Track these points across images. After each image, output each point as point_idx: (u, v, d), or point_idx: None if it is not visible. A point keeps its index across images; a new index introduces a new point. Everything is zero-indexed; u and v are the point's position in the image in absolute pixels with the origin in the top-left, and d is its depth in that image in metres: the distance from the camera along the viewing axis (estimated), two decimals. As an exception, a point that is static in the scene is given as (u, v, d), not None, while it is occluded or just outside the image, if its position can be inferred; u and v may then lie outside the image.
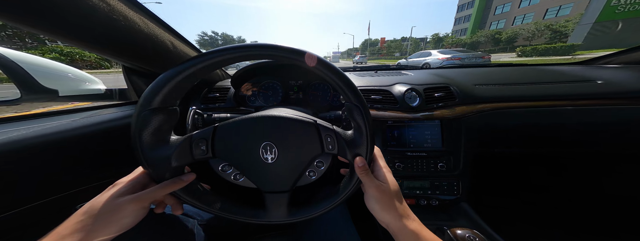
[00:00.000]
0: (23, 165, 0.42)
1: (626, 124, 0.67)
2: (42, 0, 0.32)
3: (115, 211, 0.30)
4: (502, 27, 38.28)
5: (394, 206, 0.36)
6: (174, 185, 0.35)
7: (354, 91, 0.35)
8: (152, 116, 0.33)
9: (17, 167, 0.41)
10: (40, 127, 0.46)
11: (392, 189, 0.37)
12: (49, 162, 0.45)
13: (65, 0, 0.34)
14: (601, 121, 0.67)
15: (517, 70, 0.93)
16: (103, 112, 0.60)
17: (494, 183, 0.95)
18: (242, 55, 0.34)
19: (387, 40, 79.47)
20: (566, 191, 0.94)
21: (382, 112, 0.73)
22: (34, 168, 0.43)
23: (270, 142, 0.37)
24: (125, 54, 0.52)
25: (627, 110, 0.66)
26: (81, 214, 0.30)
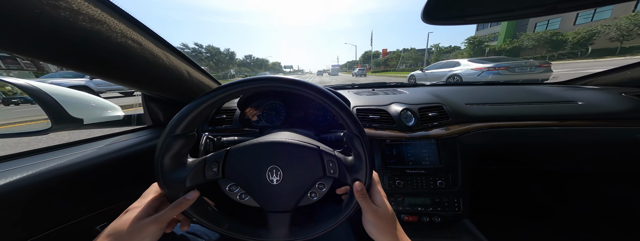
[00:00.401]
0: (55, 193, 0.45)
1: (607, 144, 0.71)
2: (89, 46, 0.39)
3: (137, 232, 0.34)
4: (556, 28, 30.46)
5: (390, 231, 0.39)
6: (181, 206, 0.38)
7: (355, 122, 0.40)
8: (174, 141, 0.38)
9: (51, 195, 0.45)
10: (70, 155, 0.51)
11: (388, 214, 0.40)
12: (75, 188, 0.49)
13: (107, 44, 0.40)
14: (586, 140, 0.72)
15: (505, 90, 1.00)
16: (122, 138, 0.65)
17: (495, 200, 0.96)
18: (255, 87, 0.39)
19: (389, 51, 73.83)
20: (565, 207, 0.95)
21: (380, 131, 0.78)
22: (64, 194, 0.47)
23: (277, 165, 0.41)
24: (149, 86, 0.58)
25: (607, 130, 0.71)
26: (105, 236, 0.33)
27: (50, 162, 0.47)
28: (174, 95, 0.68)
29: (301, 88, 0.39)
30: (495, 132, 0.74)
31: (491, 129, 0.74)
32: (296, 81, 0.39)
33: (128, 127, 0.73)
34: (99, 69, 0.44)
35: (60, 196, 0.46)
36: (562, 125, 0.73)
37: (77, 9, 0.33)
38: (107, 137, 0.65)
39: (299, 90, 0.39)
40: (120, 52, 0.43)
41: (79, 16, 0.34)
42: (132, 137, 0.67)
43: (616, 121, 0.72)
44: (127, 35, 0.43)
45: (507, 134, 0.74)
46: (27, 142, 1.76)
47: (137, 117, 0.75)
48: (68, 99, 0.60)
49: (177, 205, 0.38)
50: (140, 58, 0.47)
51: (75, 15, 0.33)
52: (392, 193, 0.77)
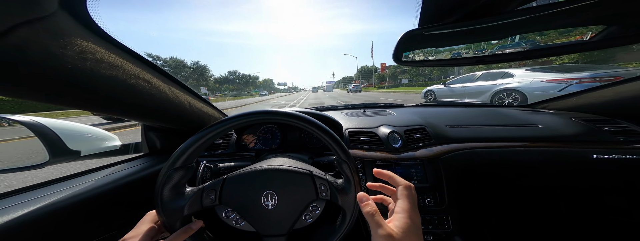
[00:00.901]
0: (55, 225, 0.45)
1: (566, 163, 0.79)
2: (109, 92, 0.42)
3: None
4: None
5: None
6: (185, 234, 0.39)
7: (342, 148, 0.44)
8: (174, 174, 0.40)
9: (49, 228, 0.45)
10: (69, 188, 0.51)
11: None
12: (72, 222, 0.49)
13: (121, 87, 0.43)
14: (550, 160, 0.80)
15: (479, 111, 1.10)
16: (119, 169, 0.65)
17: (481, 216, 1.01)
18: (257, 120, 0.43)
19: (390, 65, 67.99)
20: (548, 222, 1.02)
21: (371, 152, 0.83)
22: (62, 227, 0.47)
23: (272, 190, 0.43)
24: (152, 118, 0.61)
25: (564, 152, 0.79)
26: None
27: (48, 197, 0.47)
28: (176, 125, 0.71)
29: (295, 121, 0.44)
30: (473, 152, 0.81)
31: (468, 150, 0.81)
32: (291, 114, 0.44)
33: (125, 155, 0.74)
34: (111, 108, 0.47)
35: (56, 231, 0.46)
36: (530, 146, 0.81)
37: (100, 59, 0.37)
38: (104, 168, 0.66)
39: (293, 122, 0.44)
40: (132, 91, 0.46)
41: (101, 65, 0.37)
42: (128, 166, 0.68)
43: (570, 143, 0.80)
44: (139, 75, 0.46)
45: (484, 154, 0.81)
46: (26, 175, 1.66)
47: (134, 146, 0.76)
48: (68, 132, 0.61)
49: (182, 233, 0.39)
50: (148, 95, 0.50)
51: (98, 64, 0.36)
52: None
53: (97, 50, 0.36)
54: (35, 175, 1.65)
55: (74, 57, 0.33)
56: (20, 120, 0.53)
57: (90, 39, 0.35)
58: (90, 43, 0.35)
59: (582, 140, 0.81)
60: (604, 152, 0.76)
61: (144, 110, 0.53)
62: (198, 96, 0.74)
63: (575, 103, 1.03)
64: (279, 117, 0.44)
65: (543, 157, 0.80)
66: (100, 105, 0.44)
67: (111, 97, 0.43)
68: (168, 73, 0.58)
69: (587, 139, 0.81)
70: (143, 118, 0.58)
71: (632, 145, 0.78)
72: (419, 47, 0.49)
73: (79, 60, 0.34)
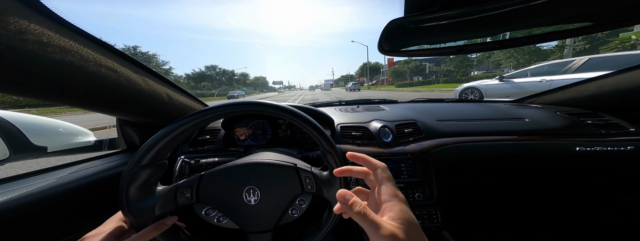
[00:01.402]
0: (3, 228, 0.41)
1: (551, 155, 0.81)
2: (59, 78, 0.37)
3: None
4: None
5: None
6: (156, 231, 0.36)
7: (326, 139, 0.42)
8: (141, 172, 0.37)
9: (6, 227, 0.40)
10: (24, 187, 0.46)
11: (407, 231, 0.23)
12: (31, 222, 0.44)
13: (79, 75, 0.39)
14: (536, 153, 0.81)
15: (468, 106, 1.12)
16: (90, 165, 0.60)
17: (471, 210, 1.02)
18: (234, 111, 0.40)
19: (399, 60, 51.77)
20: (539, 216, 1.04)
21: (362, 147, 0.82)
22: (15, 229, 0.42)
23: (253, 185, 0.41)
24: (125, 111, 0.57)
25: (550, 145, 0.81)
26: None
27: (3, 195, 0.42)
28: (153, 119, 0.66)
29: (273, 111, 0.41)
30: (461, 146, 0.81)
31: (457, 144, 0.82)
32: (269, 104, 0.41)
33: (98, 152, 0.69)
34: (72, 99, 0.42)
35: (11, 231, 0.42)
36: (513, 140, 0.82)
37: (46, 42, 0.32)
38: (74, 164, 0.61)
39: (272, 113, 0.41)
40: (93, 81, 0.41)
41: (48, 48, 0.33)
42: (102, 163, 0.63)
43: (554, 136, 0.82)
44: (101, 63, 0.41)
45: (473, 148, 0.82)
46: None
47: (109, 142, 0.71)
48: (32, 127, 0.56)
49: (153, 229, 0.35)
50: (114, 85, 0.46)
51: (44, 47, 0.32)
52: None
53: (42, 31, 0.32)
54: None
55: (8, 36, 0.28)
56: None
57: (32, 19, 0.31)
58: (31, 23, 0.30)
59: (567, 133, 0.83)
60: (587, 144, 0.78)
61: (111, 102, 0.49)
62: (179, 88, 0.70)
63: (560, 97, 1.06)
64: (258, 107, 0.41)
65: (529, 150, 0.81)
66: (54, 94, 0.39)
67: (65, 84, 0.38)
68: (142, 63, 0.53)
69: (571, 132, 0.83)
70: (112, 111, 0.54)
71: (613, 138, 0.80)
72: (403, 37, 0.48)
73: (17, 40, 0.29)
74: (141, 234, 0.35)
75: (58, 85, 0.38)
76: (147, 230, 0.35)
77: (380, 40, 0.46)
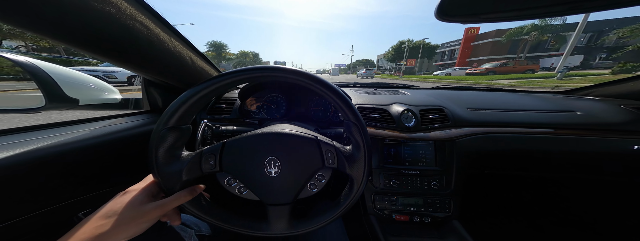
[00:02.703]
0: (43, 173, 0.45)
1: (599, 154, 0.73)
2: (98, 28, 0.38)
3: (139, 216, 0.33)
4: None
5: None
6: (189, 196, 0.38)
7: (352, 110, 0.39)
8: (168, 134, 0.37)
9: (38, 174, 0.44)
10: (61, 135, 0.49)
11: None
12: (65, 170, 0.48)
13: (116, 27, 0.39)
14: (579, 150, 0.73)
15: (505, 96, 1.01)
16: (117, 122, 0.63)
17: (485, 202, 0.98)
18: (253, 76, 0.38)
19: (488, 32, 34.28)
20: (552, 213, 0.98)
21: (380, 130, 0.78)
22: (52, 176, 0.46)
23: (274, 156, 0.40)
24: (152, 70, 0.57)
25: (601, 141, 0.72)
26: (101, 218, 0.31)
27: (39, 141, 0.46)
28: (175, 81, 0.67)
29: (299, 78, 0.38)
30: (493, 137, 0.75)
31: (489, 134, 0.75)
32: (295, 71, 0.38)
33: (125, 110, 0.72)
34: (106, 51, 0.44)
35: (45, 177, 0.45)
36: (557, 133, 0.74)
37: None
38: (101, 119, 0.64)
39: (298, 80, 0.38)
40: (128, 34, 0.42)
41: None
42: (128, 120, 0.66)
43: (612, 132, 0.73)
44: (136, 18, 0.42)
45: (504, 140, 0.75)
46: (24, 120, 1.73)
47: (134, 101, 0.73)
48: (65, 78, 0.58)
49: (181, 195, 0.37)
50: (146, 41, 0.46)
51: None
52: (386, 192, 0.78)
53: None
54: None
55: None
56: (14, 58, 0.50)
57: None
58: None
59: (630, 130, 0.72)
60: None
61: (141, 57, 0.50)
62: (200, 53, 0.68)
63: (629, 88, 0.91)
64: (281, 73, 0.38)
65: (575, 145, 0.73)
66: (89, 43, 0.40)
67: (102, 34, 0.39)
68: (170, 24, 0.52)
69: (636, 129, 0.72)
70: (141, 67, 0.54)
71: None
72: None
73: None
74: (175, 197, 0.36)
75: (96, 34, 0.38)
76: (180, 194, 0.37)
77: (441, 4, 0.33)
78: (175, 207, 0.38)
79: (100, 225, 0.30)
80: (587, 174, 0.82)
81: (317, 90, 0.39)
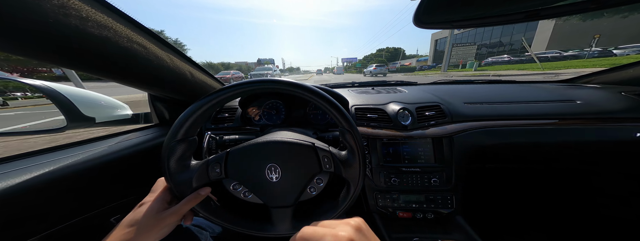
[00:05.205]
0: (72, 186, 0.50)
1: (603, 142, 0.71)
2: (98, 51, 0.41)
3: (157, 224, 0.37)
4: None
5: None
6: (196, 199, 0.41)
7: (344, 116, 0.42)
8: (177, 146, 0.41)
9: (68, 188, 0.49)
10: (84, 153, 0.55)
11: None
12: (89, 183, 0.53)
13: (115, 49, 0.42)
14: (582, 139, 0.72)
15: (504, 88, 1.00)
16: (131, 136, 0.68)
17: (488, 197, 0.98)
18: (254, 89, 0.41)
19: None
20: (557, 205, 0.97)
21: (377, 130, 0.80)
22: (78, 189, 0.51)
23: (275, 163, 0.43)
24: (153, 86, 0.61)
25: (604, 129, 0.71)
26: (126, 227, 0.36)
27: (66, 159, 0.51)
28: (178, 96, 0.71)
29: (293, 90, 0.41)
30: (493, 131, 0.75)
31: (488, 128, 0.75)
32: (289, 83, 0.41)
33: (136, 125, 0.77)
34: (107, 72, 0.46)
35: (75, 191, 0.50)
36: (560, 124, 0.73)
37: (85, 17, 0.35)
38: (117, 135, 0.69)
39: (292, 91, 0.41)
40: (126, 55, 0.45)
41: (88, 23, 0.36)
42: (140, 135, 0.71)
43: (614, 120, 0.71)
44: (133, 39, 0.45)
45: (503, 133, 0.75)
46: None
47: (144, 116, 0.78)
48: (80, 99, 0.64)
49: (192, 199, 0.41)
50: (144, 60, 0.49)
51: (84, 22, 0.35)
52: (387, 190, 0.80)
53: (81, 6, 0.35)
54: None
55: (54, 10, 0.31)
56: (31, 83, 0.55)
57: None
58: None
59: (633, 117, 0.71)
60: None
61: (141, 76, 0.53)
62: (200, 67, 0.72)
63: (630, 75, 0.88)
64: (279, 86, 0.41)
65: (578, 135, 0.72)
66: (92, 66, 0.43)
67: (103, 57, 0.42)
68: (166, 41, 0.56)
69: (636, 116, 0.71)
70: (142, 85, 0.58)
71: None
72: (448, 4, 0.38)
73: (61, 14, 0.32)
74: (185, 201, 0.40)
75: (98, 58, 0.41)
76: (189, 198, 0.41)
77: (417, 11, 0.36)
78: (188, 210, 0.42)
79: (126, 233, 0.35)
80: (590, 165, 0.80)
81: (311, 100, 0.42)
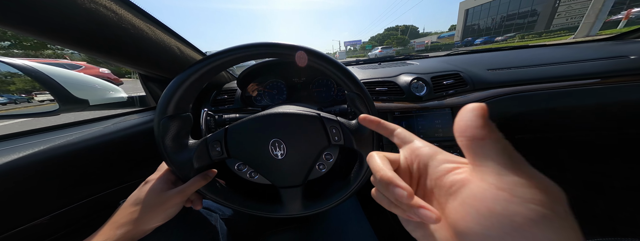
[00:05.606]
0: (68, 168, 0.47)
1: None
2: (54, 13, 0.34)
3: (163, 203, 0.35)
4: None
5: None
6: (203, 180, 0.39)
7: (353, 80, 0.37)
8: (169, 123, 0.37)
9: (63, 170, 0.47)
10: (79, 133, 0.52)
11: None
12: (88, 165, 0.51)
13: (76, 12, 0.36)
14: (633, 99, 0.61)
15: (534, 51, 0.87)
16: (127, 119, 0.66)
17: None
18: (241, 56, 0.36)
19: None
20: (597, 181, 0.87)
21: (388, 103, 0.72)
22: (76, 171, 0.49)
23: (278, 138, 0.39)
24: (136, 61, 0.56)
25: None
26: (131, 205, 0.34)
27: (59, 139, 0.48)
28: (170, 74, 0.66)
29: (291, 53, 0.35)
30: (522, 96, 0.66)
31: (517, 94, 0.66)
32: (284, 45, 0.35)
33: (132, 108, 0.74)
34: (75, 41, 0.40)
35: (74, 172, 0.48)
36: (603, 83, 0.63)
37: None
38: (113, 117, 0.67)
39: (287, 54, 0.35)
40: (93, 20, 0.38)
41: None
42: (137, 117, 0.68)
43: None
44: (97, 1, 0.38)
45: (535, 98, 0.66)
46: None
47: (140, 99, 0.75)
48: (69, 81, 0.60)
49: (197, 180, 0.38)
50: (117, 28, 0.42)
51: None
52: None
53: None
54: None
55: None
56: (14, 63, 0.52)
57: None
58: None
59: None
60: None
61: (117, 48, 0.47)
62: (186, 42, 0.66)
63: None
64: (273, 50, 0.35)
65: (627, 94, 0.62)
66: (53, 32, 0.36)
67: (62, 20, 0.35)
68: (142, 9, 0.48)
69: None
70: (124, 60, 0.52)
71: None
72: None
73: None
74: (191, 182, 0.38)
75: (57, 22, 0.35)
76: (195, 179, 0.38)
77: None
78: (196, 192, 0.40)
79: (132, 212, 0.33)
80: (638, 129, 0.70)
81: (313, 65, 0.36)
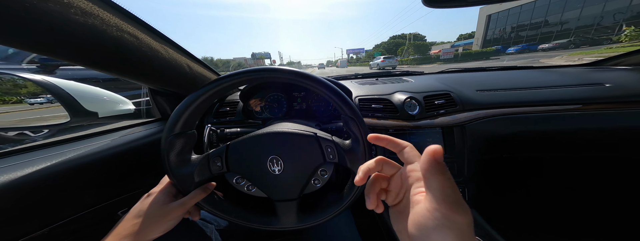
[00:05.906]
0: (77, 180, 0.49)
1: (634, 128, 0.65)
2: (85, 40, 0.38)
3: (165, 215, 0.37)
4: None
5: None
6: (203, 193, 0.41)
7: (348, 104, 0.39)
8: (175, 140, 0.40)
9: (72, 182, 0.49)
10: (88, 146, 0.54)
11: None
12: (95, 177, 0.53)
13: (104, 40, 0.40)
14: (609, 125, 0.66)
15: (520, 74, 0.93)
16: (134, 131, 0.68)
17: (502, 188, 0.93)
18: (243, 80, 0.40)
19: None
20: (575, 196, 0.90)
21: (383, 120, 0.76)
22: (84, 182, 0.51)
23: (276, 155, 0.41)
24: (150, 79, 0.60)
25: (636, 114, 0.65)
26: (134, 217, 0.36)
27: (70, 153, 0.51)
28: (177, 89, 0.70)
29: (291, 77, 0.39)
30: (508, 118, 0.70)
31: (503, 116, 0.70)
32: (286, 70, 0.39)
33: (139, 120, 0.77)
34: (98, 63, 0.45)
35: (81, 184, 0.50)
36: (584, 109, 0.67)
37: (67, 2, 0.33)
38: (120, 130, 0.69)
39: (289, 79, 0.39)
40: (117, 46, 0.43)
41: (71, 10, 0.34)
42: (143, 129, 0.71)
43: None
44: (123, 29, 0.43)
45: (521, 120, 0.70)
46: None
47: (146, 111, 0.78)
48: (81, 93, 0.64)
49: (197, 193, 0.40)
50: (137, 51, 0.48)
51: (66, 9, 0.33)
52: None
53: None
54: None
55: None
56: (32, 78, 0.55)
57: None
58: None
59: None
60: None
61: (135, 67, 0.51)
62: (198, 60, 0.71)
63: None
64: (276, 74, 0.39)
65: (604, 121, 0.66)
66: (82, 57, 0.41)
67: (89, 47, 0.40)
68: (159, 32, 0.54)
69: None
70: (138, 78, 0.57)
71: None
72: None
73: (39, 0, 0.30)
74: (192, 195, 0.40)
75: (85, 48, 0.39)
76: (196, 192, 0.40)
77: None
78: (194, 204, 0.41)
79: (134, 224, 0.35)
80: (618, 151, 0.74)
81: (312, 88, 0.40)
